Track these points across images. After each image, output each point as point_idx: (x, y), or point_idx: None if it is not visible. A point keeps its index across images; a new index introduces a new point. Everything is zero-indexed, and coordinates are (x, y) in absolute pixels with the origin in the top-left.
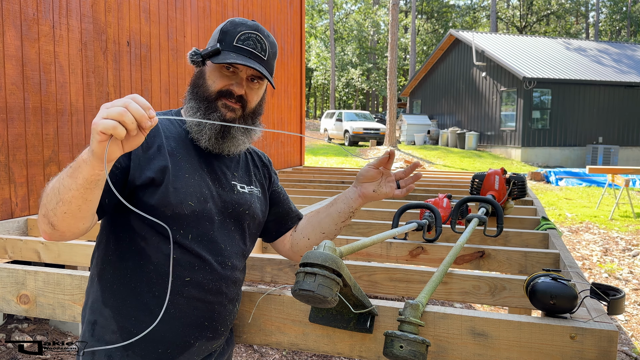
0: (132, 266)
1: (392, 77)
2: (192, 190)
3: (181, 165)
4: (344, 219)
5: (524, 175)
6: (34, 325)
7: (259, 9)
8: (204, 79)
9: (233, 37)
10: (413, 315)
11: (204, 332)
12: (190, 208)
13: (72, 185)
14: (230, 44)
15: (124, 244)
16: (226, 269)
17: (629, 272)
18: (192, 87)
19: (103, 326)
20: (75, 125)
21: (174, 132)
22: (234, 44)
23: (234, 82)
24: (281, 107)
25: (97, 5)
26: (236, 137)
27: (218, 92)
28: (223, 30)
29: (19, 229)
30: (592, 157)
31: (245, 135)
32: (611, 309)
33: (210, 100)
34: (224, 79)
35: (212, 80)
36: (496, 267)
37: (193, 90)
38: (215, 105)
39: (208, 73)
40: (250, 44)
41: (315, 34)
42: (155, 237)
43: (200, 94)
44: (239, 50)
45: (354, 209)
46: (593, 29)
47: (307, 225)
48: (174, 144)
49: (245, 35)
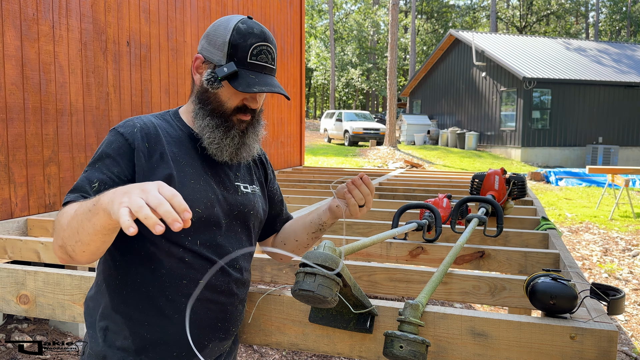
0: (142, 271)
1: (392, 77)
2: (198, 197)
3: (186, 171)
4: (314, 230)
5: (523, 176)
6: (33, 325)
7: (259, 9)
8: (216, 94)
9: (246, 52)
10: (413, 316)
11: (217, 334)
12: (198, 215)
13: (90, 230)
14: (243, 61)
15: (132, 249)
16: (236, 271)
17: (628, 272)
18: (200, 99)
19: (115, 332)
20: (75, 125)
21: (174, 136)
22: (248, 61)
23: (248, 97)
24: (281, 107)
25: (97, 5)
26: (250, 144)
27: (235, 108)
28: (233, 44)
29: (18, 229)
30: (592, 157)
31: (256, 140)
32: (611, 309)
33: (226, 116)
34: (239, 95)
35: (227, 97)
36: (496, 267)
37: (203, 103)
38: (232, 121)
39: (221, 90)
40: (263, 58)
41: (315, 34)
42: (164, 242)
43: (214, 110)
44: (254, 67)
45: (323, 222)
46: (593, 29)
47: (288, 229)
48: (176, 150)
49: (258, 49)
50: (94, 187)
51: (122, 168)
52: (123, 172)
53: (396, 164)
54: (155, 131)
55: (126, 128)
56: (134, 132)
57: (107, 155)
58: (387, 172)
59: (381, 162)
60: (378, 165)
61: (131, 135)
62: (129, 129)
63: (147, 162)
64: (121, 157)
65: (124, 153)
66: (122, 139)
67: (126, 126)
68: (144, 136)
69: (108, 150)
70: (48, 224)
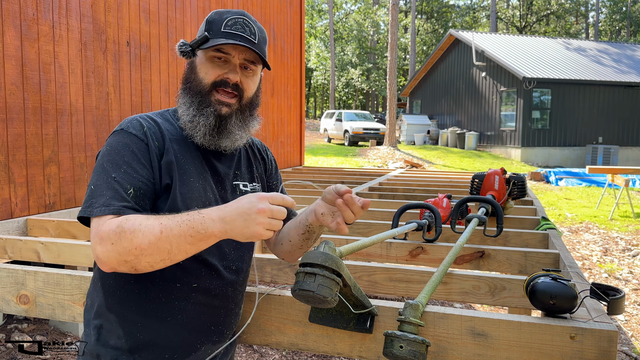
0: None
1: (392, 77)
2: (197, 195)
3: (186, 169)
4: (302, 231)
5: (523, 175)
6: (33, 325)
7: (259, 9)
8: (195, 72)
9: (220, 24)
10: (413, 316)
11: (211, 337)
12: None
13: (192, 250)
14: (218, 31)
15: None
16: (232, 273)
17: (628, 272)
18: (184, 83)
19: (109, 331)
20: (75, 125)
21: (175, 134)
22: (222, 30)
23: (228, 70)
24: (281, 107)
25: (97, 5)
26: (233, 131)
27: (212, 83)
28: (209, 20)
29: (18, 229)
30: (592, 157)
31: (242, 130)
32: (611, 309)
33: (203, 93)
34: (217, 68)
35: (205, 72)
36: (496, 267)
37: (185, 85)
38: (209, 99)
39: (199, 65)
40: (239, 28)
41: (315, 34)
42: None
43: (193, 88)
44: (228, 35)
45: (309, 223)
46: (593, 29)
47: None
48: (177, 147)
49: (233, 20)
50: (130, 194)
51: (148, 170)
52: (150, 174)
53: (396, 164)
54: (160, 130)
55: (136, 128)
56: (144, 132)
57: (131, 158)
58: (387, 172)
59: (381, 162)
60: (378, 165)
61: (144, 134)
62: (139, 128)
63: (159, 161)
64: (144, 158)
65: (144, 154)
66: (137, 139)
67: (135, 126)
68: (152, 135)
69: (128, 152)
70: (48, 224)
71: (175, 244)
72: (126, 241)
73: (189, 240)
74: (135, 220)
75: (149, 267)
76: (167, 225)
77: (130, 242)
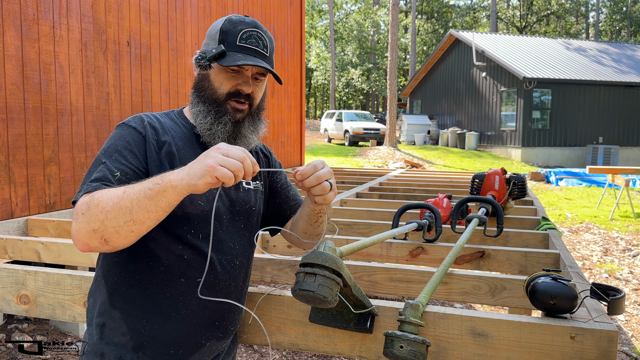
0: (141, 268)
1: (392, 77)
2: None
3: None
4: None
5: (524, 176)
6: (34, 325)
7: (259, 9)
8: (209, 81)
9: (235, 37)
10: (413, 316)
11: (215, 332)
12: (200, 207)
13: (152, 208)
14: (233, 44)
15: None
16: (235, 268)
17: (629, 272)
18: (197, 91)
19: (112, 328)
20: (75, 125)
21: (179, 132)
22: (237, 44)
23: (241, 82)
24: (281, 107)
25: (97, 5)
26: (247, 136)
27: (227, 94)
28: (223, 30)
29: (19, 229)
30: (592, 157)
31: (254, 133)
32: (611, 309)
33: (219, 102)
34: (231, 79)
35: (220, 83)
36: (496, 267)
37: (199, 93)
38: (225, 107)
39: (213, 75)
40: (253, 42)
41: (315, 34)
42: (165, 237)
43: (208, 97)
44: (243, 49)
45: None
46: (593, 29)
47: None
48: (180, 144)
49: (247, 34)
50: (115, 176)
51: (139, 160)
52: (141, 163)
53: (396, 164)
54: (162, 126)
55: (136, 122)
56: (144, 125)
57: (123, 147)
58: (387, 172)
59: (381, 162)
60: (378, 165)
61: (142, 128)
62: (139, 122)
63: (157, 154)
64: (137, 148)
65: (138, 145)
66: (135, 131)
67: (135, 120)
68: (153, 129)
69: (122, 142)
70: (48, 224)
71: (135, 200)
72: (93, 207)
73: (147, 193)
74: (105, 190)
75: (116, 235)
76: (131, 185)
77: (97, 207)
